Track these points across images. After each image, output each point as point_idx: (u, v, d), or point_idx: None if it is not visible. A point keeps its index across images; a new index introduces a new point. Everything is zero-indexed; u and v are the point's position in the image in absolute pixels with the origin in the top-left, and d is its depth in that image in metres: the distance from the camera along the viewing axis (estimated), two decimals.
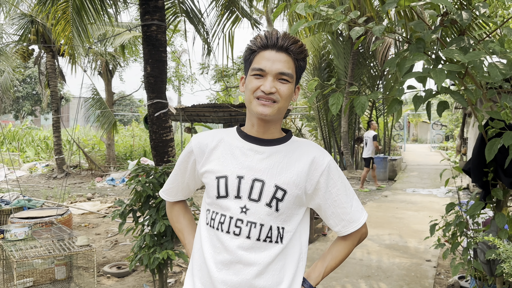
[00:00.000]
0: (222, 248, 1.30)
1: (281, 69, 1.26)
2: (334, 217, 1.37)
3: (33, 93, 29.57)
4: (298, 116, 16.94)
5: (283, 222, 1.30)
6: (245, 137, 1.36)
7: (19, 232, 3.25)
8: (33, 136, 20.47)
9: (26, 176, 13.35)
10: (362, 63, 13.55)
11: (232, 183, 1.31)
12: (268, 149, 1.33)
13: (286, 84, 1.28)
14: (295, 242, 1.34)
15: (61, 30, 6.62)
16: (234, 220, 1.29)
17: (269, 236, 1.29)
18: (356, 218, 1.37)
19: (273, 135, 1.35)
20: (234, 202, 1.30)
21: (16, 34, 11.53)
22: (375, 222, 6.72)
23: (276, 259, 1.29)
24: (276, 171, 1.30)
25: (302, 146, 1.37)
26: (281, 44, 1.27)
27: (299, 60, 1.30)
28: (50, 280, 3.65)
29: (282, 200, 1.29)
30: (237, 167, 1.32)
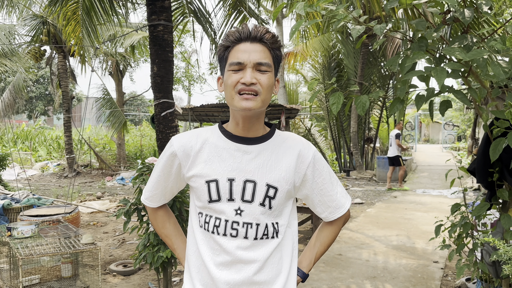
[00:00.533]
0: (221, 250, 1.30)
1: (259, 59, 1.25)
2: (321, 204, 1.41)
3: (46, 93, 29.98)
4: (307, 116, 16.88)
5: (276, 217, 1.33)
6: (231, 137, 1.33)
7: (26, 230, 3.30)
8: (45, 135, 20.76)
9: (38, 175, 13.53)
10: (372, 62, 13.45)
11: (224, 186, 1.29)
12: (256, 147, 1.32)
13: (265, 74, 1.26)
14: (288, 233, 1.37)
15: (71, 31, 6.71)
16: (230, 223, 1.29)
17: (266, 234, 1.31)
18: (342, 204, 1.42)
19: (258, 132, 1.34)
20: (228, 205, 1.29)
21: (28, 35, 11.69)
22: (383, 223, 6.67)
23: (273, 253, 1.32)
24: (266, 170, 1.31)
25: (287, 140, 1.38)
26: (255, 35, 1.26)
27: (274, 49, 1.29)
28: (56, 277, 3.69)
29: (274, 197, 1.31)
30: (226, 170, 1.30)
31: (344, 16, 2.12)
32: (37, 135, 20.40)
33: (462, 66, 1.94)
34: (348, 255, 4.96)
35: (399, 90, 2.13)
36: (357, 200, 8.76)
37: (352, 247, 5.29)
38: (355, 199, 8.85)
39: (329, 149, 16.98)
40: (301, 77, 19.05)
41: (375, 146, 14.72)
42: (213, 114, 12.87)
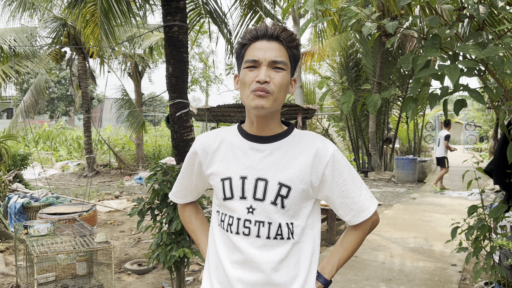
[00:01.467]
0: (235, 249, 1.30)
1: (274, 57, 1.24)
2: (343, 207, 1.35)
3: (67, 94, 30.59)
4: (325, 116, 16.77)
5: (291, 217, 1.29)
6: (246, 136, 1.34)
7: (42, 228, 3.36)
8: (66, 135, 21.17)
9: (58, 174, 13.80)
10: (391, 62, 13.27)
11: (236, 184, 1.31)
12: (269, 146, 1.31)
13: (280, 73, 1.25)
14: (307, 236, 1.33)
15: (90, 33, 6.81)
16: (242, 221, 1.30)
17: (280, 234, 1.28)
18: (366, 207, 1.35)
19: (273, 130, 1.33)
20: (240, 203, 1.30)
21: (49, 37, 11.95)
22: (401, 224, 6.56)
23: (289, 255, 1.29)
24: (279, 168, 1.29)
25: (304, 138, 1.34)
26: (271, 33, 1.25)
27: (291, 48, 1.27)
28: (71, 275, 3.75)
29: (287, 197, 1.28)
30: (239, 168, 1.32)
31: (355, 13, 2.09)
32: (58, 135, 20.83)
33: (476, 64, 1.88)
34: (363, 257, 4.89)
35: (411, 89, 2.08)
36: None
37: (368, 249, 5.21)
38: None
39: (347, 149, 16.82)
40: (319, 77, 18.94)
41: (394, 146, 14.51)
42: (230, 114, 12.92)
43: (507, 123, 2.39)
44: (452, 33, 2.08)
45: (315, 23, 2.24)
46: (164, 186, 3.30)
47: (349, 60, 13.87)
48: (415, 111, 2.17)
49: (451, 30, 2.00)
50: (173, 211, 3.36)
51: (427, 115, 18.89)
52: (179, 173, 3.46)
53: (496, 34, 2.06)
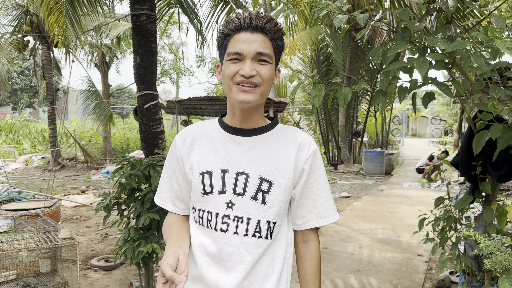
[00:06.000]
0: (212, 245, 1.24)
1: (259, 50, 1.17)
2: (302, 207, 1.28)
3: (31, 85, 29.46)
4: (296, 110, 16.85)
5: (275, 216, 1.24)
6: (226, 128, 1.28)
7: (1, 225, 3.20)
8: (30, 128, 20.41)
9: (22, 168, 13.29)
10: (361, 56, 13.45)
11: (216, 178, 1.24)
12: (251, 139, 1.26)
13: (266, 65, 1.19)
14: (282, 235, 1.29)
15: (54, 21, 6.54)
16: (221, 216, 1.23)
17: (258, 231, 1.23)
18: (326, 214, 1.29)
19: (256, 123, 1.27)
20: (219, 197, 1.24)
21: (10, 25, 11.41)
22: (369, 216, 6.68)
23: (264, 254, 1.24)
24: (260, 162, 1.24)
25: (288, 133, 1.30)
26: (256, 24, 1.18)
27: (276, 39, 1.22)
28: (34, 273, 3.60)
29: (268, 192, 1.22)
30: (220, 161, 1.25)
31: (326, 5, 2.06)
32: (22, 128, 20.05)
33: (445, 57, 1.90)
34: (333, 249, 4.94)
35: (381, 82, 2.08)
36: (344, 193, 8.77)
37: (338, 241, 5.27)
38: (342, 193, 8.86)
39: (318, 143, 16.99)
40: (290, 71, 19.00)
41: (363, 140, 14.77)
42: (201, 107, 12.77)
43: (473, 116, 2.44)
44: (421, 26, 2.09)
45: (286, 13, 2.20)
46: (131, 180, 3.21)
47: (319, 54, 13.96)
48: (385, 104, 2.17)
49: (421, 23, 2.01)
50: (140, 205, 3.27)
51: (394, 109, 19.30)
52: (147, 166, 3.37)
53: (464, 28, 2.09)
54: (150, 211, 3.22)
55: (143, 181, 3.31)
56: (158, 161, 3.57)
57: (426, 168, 10.73)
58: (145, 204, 3.25)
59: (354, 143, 14.47)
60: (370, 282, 3.95)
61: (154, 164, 3.43)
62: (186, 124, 14.19)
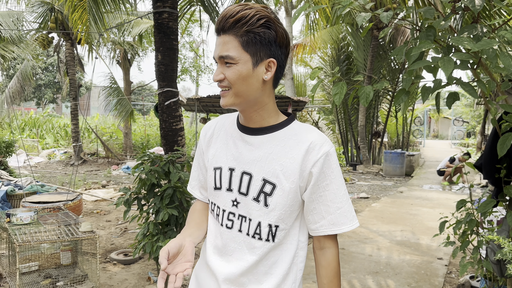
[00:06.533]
0: (219, 238, 1.28)
1: (220, 53, 1.16)
2: (315, 213, 1.21)
3: (54, 81, 30.10)
4: (315, 109, 16.75)
5: (278, 220, 1.20)
6: (239, 126, 1.28)
7: (25, 217, 3.28)
8: (53, 123, 20.86)
9: (44, 162, 13.60)
10: (382, 55, 13.28)
11: (225, 175, 1.25)
12: (258, 138, 1.23)
13: (230, 67, 1.15)
14: (292, 238, 1.25)
15: (78, 18, 6.66)
16: (227, 213, 1.25)
17: (258, 233, 1.21)
18: (340, 222, 1.20)
19: (263, 122, 1.23)
20: (227, 194, 1.25)
21: (35, 21, 11.68)
22: (388, 217, 6.60)
23: (267, 256, 1.22)
24: (265, 163, 1.20)
25: (300, 133, 1.22)
26: (217, 28, 1.17)
27: (242, 35, 1.13)
28: (55, 265, 3.69)
29: (271, 194, 1.19)
30: (229, 159, 1.26)
31: (349, 2, 2.04)
32: (45, 123, 20.51)
33: (470, 57, 1.85)
34: (351, 250, 4.90)
35: (404, 81, 2.05)
36: (363, 194, 8.69)
37: (356, 242, 5.23)
38: (361, 193, 8.78)
39: (337, 142, 16.87)
40: (310, 70, 18.91)
41: (383, 140, 14.59)
42: (220, 105, 12.82)
43: (498, 118, 2.38)
44: (446, 25, 2.05)
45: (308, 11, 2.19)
46: (151, 176, 3.25)
47: (340, 53, 13.84)
48: (407, 104, 2.14)
49: (446, 21, 1.97)
50: (160, 201, 3.31)
51: (416, 110, 19.00)
52: (166, 162, 3.41)
53: (490, 27, 2.04)
54: (169, 207, 3.26)
55: (163, 177, 3.35)
56: (178, 157, 3.61)
57: (448, 170, 10.53)
58: (164, 199, 3.28)
59: (374, 143, 14.31)
60: (388, 284, 3.90)
61: (174, 161, 3.46)
62: (205, 121, 14.27)
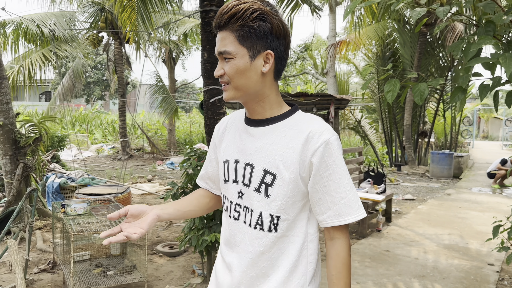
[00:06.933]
0: (228, 230, 1.31)
1: (219, 49, 1.20)
2: (320, 204, 1.20)
3: (103, 79, 31.31)
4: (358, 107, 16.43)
5: (280, 210, 1.20)
6: (245, 119, 1.31)
7: (79, 208, 3.44)
8: (101, 119, 21.72)
9: (93, 156, 14.20)
10: (430, 52, 12.81)
11: (232, 167, 1.29)
12: (260, 130, 1.25)
13: (229, 62, 1.18)
14: (298, 230, 1.23)
15: (126, 18, 6.89)
16: (234, 205, 1.29)
17: (260, 224, 1.22)
18: (344, 213, 1.18)
19: (268, 113, 1.24)
20: (233, 186, 1.29)
21: (87, 21, 12.19)
22: (435, 220, 6.38)
23: (271, 247, 1.22)
24: (265, 154, 1.22)
25: (301, 122, 1.22)
26: (215, 25, 1.20)
27: (236, 30, 1.15)
28: (105, 255, 3.84)
29: (271, 185, 1.20)
30: (235, 151, 1.30)
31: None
32: (94, 119, 21.40)
33: None
34: (396, 252, 4.79)
35: (461, 78, 1.98)
36: (408, 196, 8.45)
37: (401, 244, 5.10)
38: (406, 195, 8.54)
39: (380, 142, 16.48)
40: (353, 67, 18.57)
41: (430, 140, 14.10)
42: None
43: None
44: (507, 20, 1.95)
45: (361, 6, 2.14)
46: (197, 171, 3.31)
47: (385, 50, 13.49)
48: (464, 102, 2.06)
49: (508, 16, 1.88)
50: None
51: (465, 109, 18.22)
52: None
53: None
54: None
55: None
56: None
57: (499, 172, 10.03)
58: None
59: (420, 143, 13.85)
60: None
61: None
62: None
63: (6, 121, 4.90)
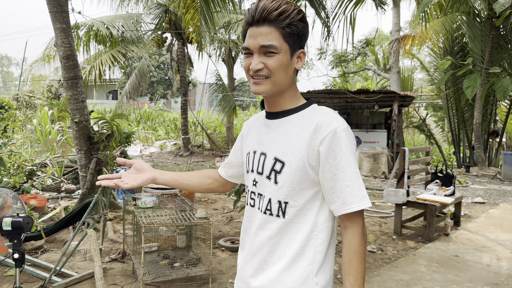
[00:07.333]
0: (247, 216, 1.40)
1: (263, 43, 1.21)
2: (332, 192, 1.22)
3: (165, 78, 32.53)
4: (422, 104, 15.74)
5: (287, 196, 1.26)
6: (266, 113, 1.39)
7: (148, 201, 3.60)
8: (164, 117, 22.60)
9: (157, 152, 14.81)
10: (503, 47, 11.95)
11: (251, 158, 1.38)
12: (276, 122, 1.32)
13: (273, 57, 1.22)
14: (307, 217, 1.27)
15: (190, 18, 7.09)
16: (249, 193, 1.38)
17: (269, 209, 1.29)
18: (349, 201, 1.20)
19: (283, 106, 1.32)
20: (251, 175, 1.37)
21: (152, 23, 12.71)
22: (508, 225, 5.97)
23: (280, 233, 1.27)
24: (278, 143, 1.29)
25: (313, 114, 1.28)
26: (258, 17, 1.22)
27: (284, 27, 1.21)
28: (172, 246, 3.99)
29: (280, 172, 1.26)
30: (254, 143, 1.39)
31: None
32: (157, 116, 22.30)
33: None
34: (465, 258, 4.53)
35: None
36: (478, 199, 7.96)
37: (471, 249, 4.82)
38: (476, 198, 8.05)
39: (446, 141, 15.68)
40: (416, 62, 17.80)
41: (502, 140, 13.19)
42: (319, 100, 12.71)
43: None
44: None
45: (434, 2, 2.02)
46: None
47: (453, 44, 12.78)
48: None
49: None
50: None
51: None
52: None
53: None
54: None
55: None
56: None
57: None
58: None
59: (491, 143, 13.00)
60: None
61: None
62: None
63: (81, 118, 5.24)
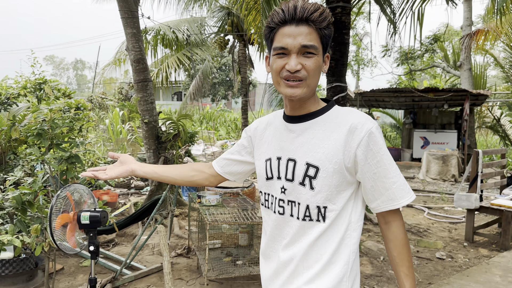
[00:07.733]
0: (271, 225, 1.35)
1: (304, 43, 1.17)
2: (373, 191, 1.24)
3: (226, 79, 33.22)
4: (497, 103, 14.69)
5: (326, 200, 1.24)
6: (284, 117, 1.35)
7: (212, 199, 3.70)
8: (225, 117, 23.09)
9: (219, 151, 15.14)
10: None
11: (274, 164, 1.33)
12: (300, 126, 1.29)
13: (311, 58, 1.19)
14: (343, 219, 1.27)
15: (251, 20, 7.19)
16: (277, 200, 1.32)
17: (308, 215, 1.26)
18: (397, 197, 1.22)
19: (308, 109, 1.29)
20: (277, 183, 1.32)
21: (215, 25, 13.04)
22: None
23: (317, 237, 1.25)
24: (308, 148, 1.26)
25: (340, 116, 1.26)
26: (300, 16, 1.17)
27: (322, 29, 1.19)
28: (234, 244, 4.07)
29: (315, 177, 1.23)
30: (276, 149, 1.34)
31: None
32: (219, 117, 22.83)
33: None
34: None
35: None
36: None
37: None
38: None
39: None
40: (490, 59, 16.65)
41: None
42: (384, 99, 12.34)
43: None
44: None
45: None
46: None
47: None
48: None
49: None
50: None
51: None
52: None
53: None
54: None
55: None
56: None
57: None
58: None
59: None
60: None
61: None
62: None
63: (150, 118, 5.51)
